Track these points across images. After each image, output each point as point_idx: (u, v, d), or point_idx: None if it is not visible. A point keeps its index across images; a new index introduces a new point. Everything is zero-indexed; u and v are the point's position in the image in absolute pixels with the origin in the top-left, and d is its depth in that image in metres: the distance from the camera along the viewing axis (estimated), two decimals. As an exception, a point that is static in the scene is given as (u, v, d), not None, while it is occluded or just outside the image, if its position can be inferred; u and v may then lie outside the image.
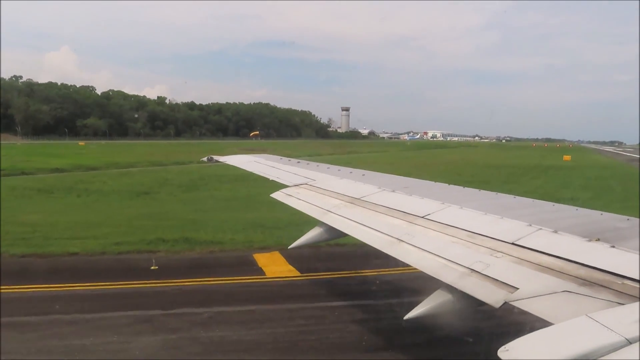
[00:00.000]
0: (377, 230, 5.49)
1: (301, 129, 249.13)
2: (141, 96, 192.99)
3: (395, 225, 5.50)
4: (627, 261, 3.55)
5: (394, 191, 6.97)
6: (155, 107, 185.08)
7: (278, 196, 8.20)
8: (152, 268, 13.34)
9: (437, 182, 7.91)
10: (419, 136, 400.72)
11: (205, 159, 15.47)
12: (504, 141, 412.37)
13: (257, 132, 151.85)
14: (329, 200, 7.16)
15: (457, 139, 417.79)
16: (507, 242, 4.35)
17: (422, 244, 4.83)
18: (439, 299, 4.11)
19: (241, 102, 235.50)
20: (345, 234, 6.10)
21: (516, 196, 6.35)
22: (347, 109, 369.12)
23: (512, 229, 4.65)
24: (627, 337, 2.49)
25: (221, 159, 14.72)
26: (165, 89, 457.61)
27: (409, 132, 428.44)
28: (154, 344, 8.66)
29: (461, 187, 7.45)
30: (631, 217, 4.72)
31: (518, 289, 3.56)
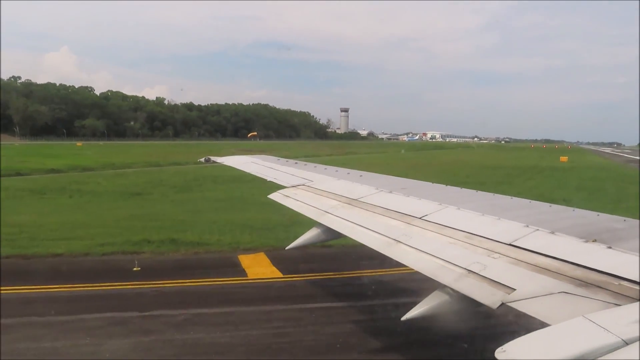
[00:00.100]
0: (374, 231, 5.47)
1: (300, 130, 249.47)
2: (140, 97, 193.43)
3: (393, 226, 5.48)
4: (623, 262, 3.55)
5: (391, 192, 6.94)
6: (154, 108, 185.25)
7: (276, 197, 8.18)
8: (135, 269, 13.25)
9: (434, 183, 7.86)
10: (417, 137, 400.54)
11: (203, 159, 15.43)
12: (503, 142, 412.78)
13: (255, 132, 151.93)
14: (327, 201, 7.12)
15: (456, 140, 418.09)
16: (505, 243, 4.35)
17: (419, 245, 4.82)
18: (436, 300, 4.10)
19: (240, 103, 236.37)
20: (343, 235, 6.07)
21: (513, 197, 6.33)
22: (346, 110, 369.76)
23: (510, 229, 4.65)
24: (623, 338, 2.49)
25: (219, 159, 14.67)
26: (165, 90, 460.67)
27: (408, 133, 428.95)
28: (125, 346, 8.59)
29: (458, 188, 7.41)
30: (628, 218, 4.72)
31: (515, 290, 3.55)
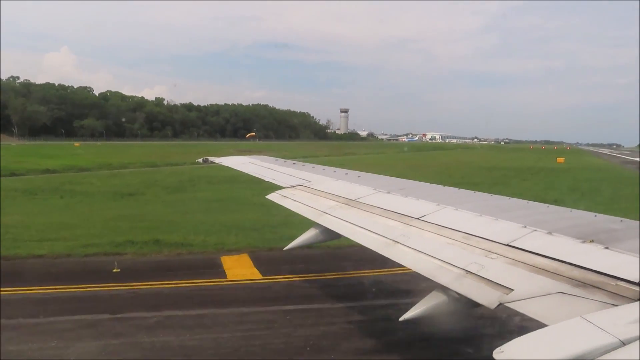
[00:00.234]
0: (372, 232, 5.47)
1: (300, 131, 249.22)
2: (139, 97, 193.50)
3: (391, 226, 5.49)
4: (621, 263, 3.55)
5: (389, 192, 6.94)
6: (153, 108, 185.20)
7: (273, 198, 8.16)
8: (114, 271, 13.13)
9: (432, 184, 7.82)
10: (417, 138, 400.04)
11: (201, 160, 15.37)
12: (502, 143, 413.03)
13: (254, 133, 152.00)
14: (325, 201, 7.11)
15: (456, 140, 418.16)
16: (502, 244, 4.35)
17: (417, 245, 4.83)
18: (434, 300, 4.10)
19: (240, 104, 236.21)
20: (341, 236, 6.06)
21: (511, 198, 6.32)
22: (346, 111, 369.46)
23: (507, 230, 4.65)
24: (621, 339, 2.49)
25: (217, 160, 14.63)
26: (165, 90, 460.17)
27: (407, 134, 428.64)
28: (92, 349, 8.45)
29: (456, 188, 7.39)
30: (625, 219, 4.71)
31: (513, 290, 3.56)
